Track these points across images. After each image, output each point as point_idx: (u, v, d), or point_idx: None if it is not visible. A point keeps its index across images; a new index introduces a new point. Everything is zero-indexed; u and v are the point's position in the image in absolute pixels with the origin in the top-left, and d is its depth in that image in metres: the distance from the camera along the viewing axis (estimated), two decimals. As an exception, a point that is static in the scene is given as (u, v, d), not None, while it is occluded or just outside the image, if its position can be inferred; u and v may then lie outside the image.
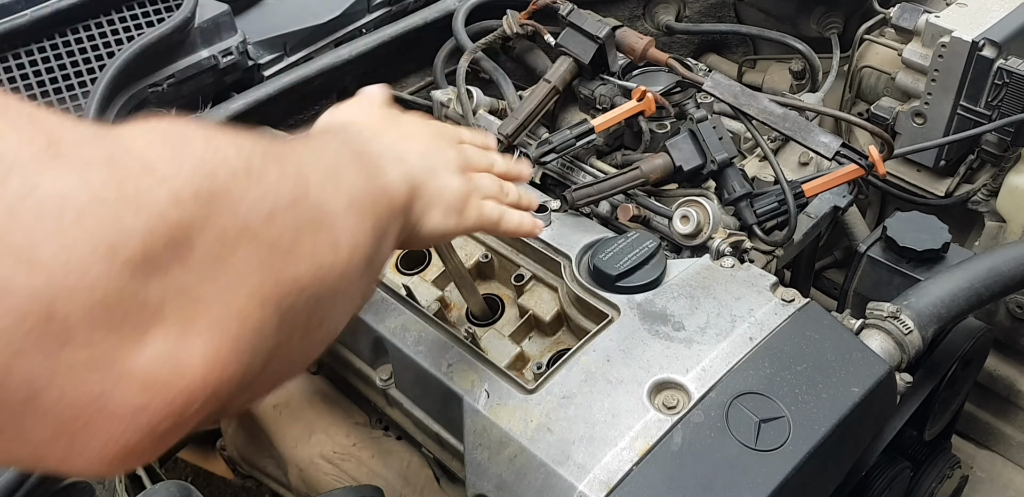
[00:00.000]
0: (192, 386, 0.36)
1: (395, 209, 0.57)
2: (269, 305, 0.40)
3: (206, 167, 0.38)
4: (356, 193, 0.49)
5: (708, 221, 0.96)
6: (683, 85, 1.12)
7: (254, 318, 0.39)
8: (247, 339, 0.38)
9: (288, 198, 0.42)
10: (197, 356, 0.36)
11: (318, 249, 0.44)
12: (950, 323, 0.95)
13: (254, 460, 1.21)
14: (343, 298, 0.47)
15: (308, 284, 0.43)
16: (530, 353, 0.94)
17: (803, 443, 0.75)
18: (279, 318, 0.41)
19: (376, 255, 0.51)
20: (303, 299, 0.43)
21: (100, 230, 0.33)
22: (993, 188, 1.33)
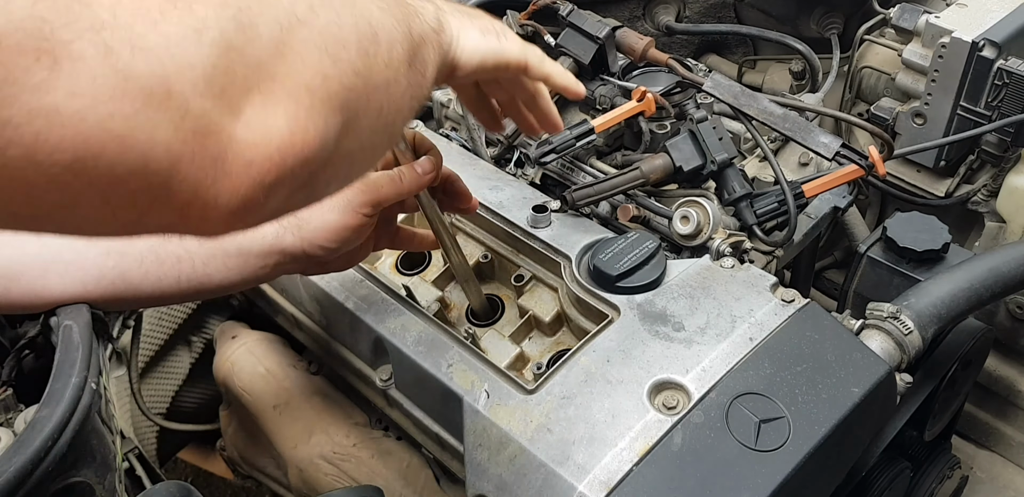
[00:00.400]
0: (283, 146, 0.45)
1: (428, 24, 0.60)
2: (332, 81, 0.47)
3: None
4: (389, 6, 0.55)
5: (708, 221, 0.96)
6: (683, 85, 1.12)
7: (321, 91, 0.47)
8: (318, 109, 0.46)
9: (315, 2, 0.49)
10: (281, 120, 0.45)
11: (361, 37, 0.51)
12: (950, 323, 0.95)
13: (254, 460, 1.21)
14: (396, 92, 0.55)
15: (360, 68, 0.50)
16: (530, 353, 0.94)
17: (803, 443, 0.75)
18: (344, 94, 0.48)
19: (417, 57, 0.57)
20: (360, 82, 0.50)
21: (182, 19, 0.41)
22: (993, 188, 1.33)
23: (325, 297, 1.00)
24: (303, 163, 0.46)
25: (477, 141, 1.17)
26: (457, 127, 1.24)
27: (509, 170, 1.15)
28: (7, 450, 0.74)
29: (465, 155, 1.12)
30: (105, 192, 0.41)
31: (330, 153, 0.49)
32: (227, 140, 0.43)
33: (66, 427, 0.76)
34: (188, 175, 0.42)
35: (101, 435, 0.86)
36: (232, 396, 1.18)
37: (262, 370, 1.16)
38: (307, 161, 0.46)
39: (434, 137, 1.16)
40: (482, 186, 1.05)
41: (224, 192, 0.44)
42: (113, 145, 0.39)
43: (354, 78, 0.49)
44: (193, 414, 1.32)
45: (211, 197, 0.43)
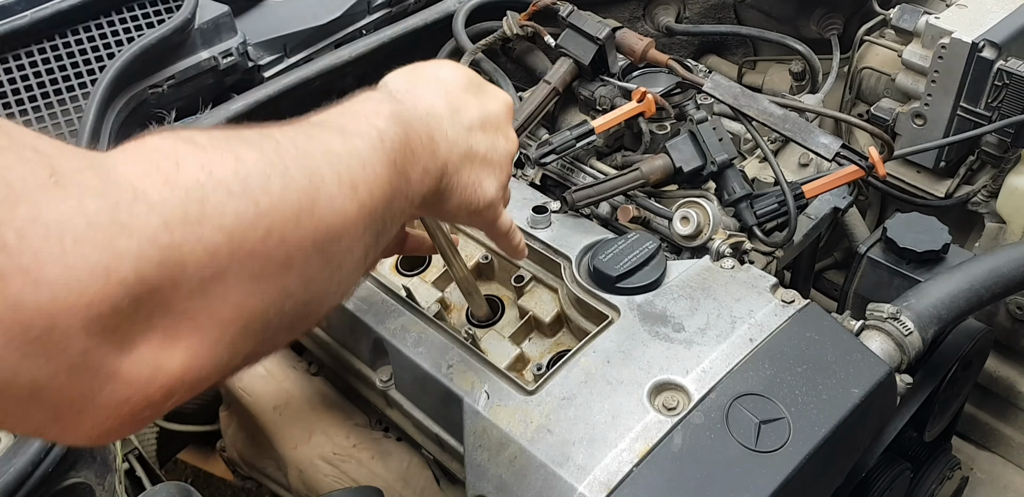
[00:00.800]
0: (171, 382, 0.41)
1: (413, 200, 0.57)
2: (255, 313, 0.43)
3: (198, 192, 0.41)
4: (373, 192, 0.50)
5: (708, 222, 0.96)
6: (683, 86, 1.12)
7: (238, 325, 0.42)
8: (227, 342, 0.42)
9: (292, 212, 0.44)
10: (177, 360, 0.41)
11: (313, 262, 0.46)
12: (950, 324, 0.95)
13: (254, 461, 1.21)
14: (333, 296, 0.51)
15: (296, 292, 0.45)
16: (530, 354, 0.94)
17: (803, 444, 0.75)
18: (264, 322, 0.44)
19: (370, 250, 0.53)
20: (290, 303, 0.45)
21: (96, 253, 0.37)
22: (993, 189, 1.33)
23: (325, 298, 1.00)
24: (191, 390, 0.43)
25: (477, 142, 1.17)
26: (457, 128, 1.24)
27: (509, 171, 1.15)
28: (7, 451, 0.74)
29: (465, 156, 1.12)
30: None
31: (233, 371, 0.45)
32: (105, 377, 0.39)
33: (66, 428, 0.76)
34: (49, 403, 0.39)
35: (101, 436, 0.86)
36: (232, 397, 1.18)
37: (262, 371, 1.16)
38: (196, 387, 0.43)
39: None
40: (482, 187, 1.04)
41: (87, 422, 0.40)
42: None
43: (284, 302, 0.45)
44: (193, 415, 1.32)
45: (71, 425, 0.40)
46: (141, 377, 0.40)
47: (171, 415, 1.27)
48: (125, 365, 0.40)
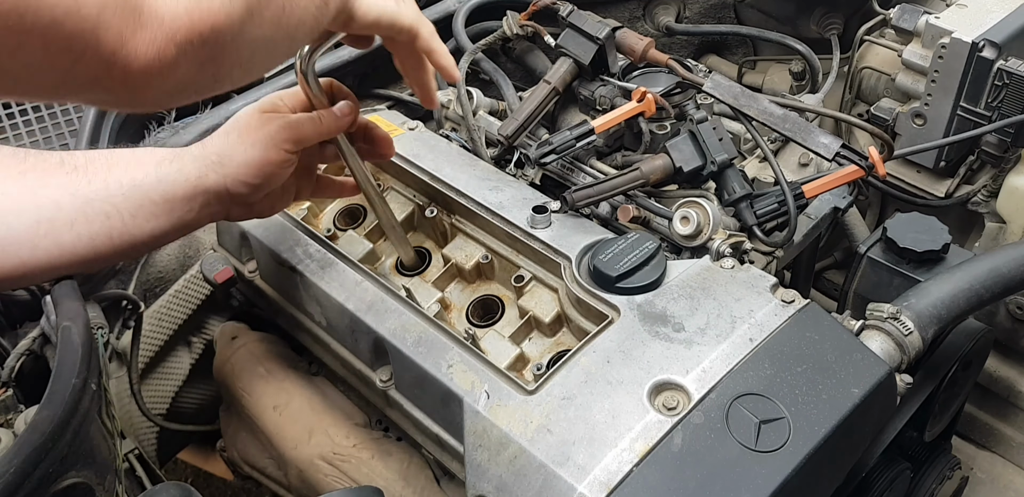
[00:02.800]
0: (191, 9, 0.54)
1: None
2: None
3: None
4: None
5: (708, 222, 0.96)
6: (683, 86, 1.12)
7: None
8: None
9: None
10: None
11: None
12: (950, 324, 0.95)
13: (254, 461, 1.21)
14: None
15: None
16: (530, 354, 0.94)
17: (803, 444, 0.75)
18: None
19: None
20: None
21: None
22: (993, 189, 1.33)
23: (325, 298, 1.00)
24: (210, 29, 0.55)
25: (477, 142, 1.17)
26: (457, 128, 1.24)
27: (509, 171, 1.15)
28: (7, 451, 0.74)
29: (465, 155, 1.13)
30: (44, 35, 0.48)
31: (235, 33, 0.57)
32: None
33: (66, 428, 0.76)
34: (112, 23, 0.51)
35: (101, 436, 0.86)
36: (232, 396, 1.18)
37: (262, 370, 1.16)
38: (214, 29, 0.55)
39: (434, 137, 1.16)
40: (482, 186, 1.05)
41: (142, 43, 0.52)
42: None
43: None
44: (193, 415, 1.32)
45: (131, 48, 0.52)
46: (168, 2, 0.53)
47: (171, 415, 1.27)
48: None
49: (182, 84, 0.57)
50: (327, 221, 1.13)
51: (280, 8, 0.61)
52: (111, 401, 0.98)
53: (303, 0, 0.64)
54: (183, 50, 0.54)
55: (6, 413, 0.86)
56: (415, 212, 1.10)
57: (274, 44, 0.63)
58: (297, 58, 0.84)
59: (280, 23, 0.62)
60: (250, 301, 1.22)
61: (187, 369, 1.28)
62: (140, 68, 0.53)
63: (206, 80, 0.60)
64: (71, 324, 0.85)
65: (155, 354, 1.22)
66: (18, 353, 0.94)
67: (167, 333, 1.22)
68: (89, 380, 0.82)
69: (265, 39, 0.61)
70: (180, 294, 1.21)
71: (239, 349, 1.19)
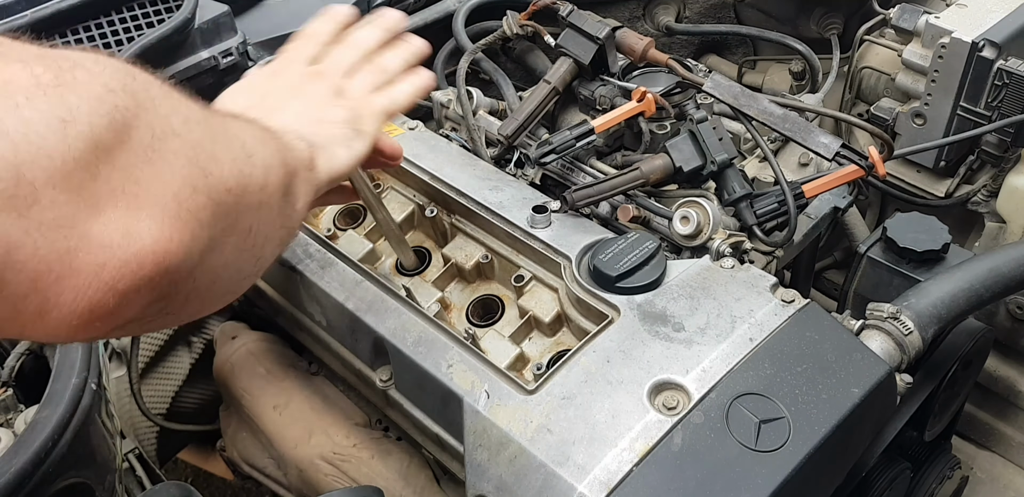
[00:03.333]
0: (142, 252, 0.43)
1: (300, 160, 0.63)
2: (200, 193, 0.47)
3: (127, 70, 0.46)
4: (263, 138, 0.57)
5: (708, 222, 0.96)
6: (683, 86, 1.12)
7: (189, 202, 0.46)
8: (185, 220, 0.46)
9: (200, 115, 0.50)
10: (145, 228, 0.44)
11: (235, 157, 0.51)
12: (950, 324, 0.95)
13: (254, 461, 1.21)
14: (267, 217, 0.56)
15: (233, 186, 0.50)
16: (530, 354, 0.94)
17: (803, 444, 0.75)
18: (212, 209, 0.48)
19: (290, 188, 0.59)
20: (231, 199, 0.50)
21: (49, 108, 0.40)
22: (993, 189, 1.33)
23: (325, 297, 1.00)
24: (163, 273, 0.45)
25: (477, 141, 1.17)
26: (457, 127, 1.24)
27: (509, 170, 1.15)
28: (8, 451, 0.74)
29: (465, 155, 1.12)
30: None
31: (193, 266, 0.47)
32: (79, 237, 0.41)
33: (66, 428, 0.76)
34: (27, 265, 0.40)
35: (101, 436, 0.86)
36: (232, 396, 1.18)
37: (262, 370, 1.16)
38: (167, 271, 0.45)
39: (434, 137, 1.16)
40: (482, 186, 1.05)
41: (68, 290, 0.41)
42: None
43: (225, 194, 0.49)
44: (193, 414, 1.32)
45: (53, 294, 0.41)
46: (114, 241, 0.42)
47: (171, 415, 1.27)
48: (96, 227, 0.42)
49: (123, 327, 0.47)
50: (327, 221, 1.13)
51: (246, 231, 0.53)
52: (111, 401, 0.98)
53: (270, 214, 0.56)
54: (126, 298, 0.44)
55: (6, 413, 0.86)
56: (415, 212, 1.10)
57: (238, 268, 0.55)
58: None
59: (245, 245, 0.54)
60: (250, 301, 1.22)
61: (187, 369, 1.28)
62: (63, 317, 0.43)
63: (153, 318, 0.50)
64: (71, 324, 0.85)
65: (155, 354, 1.22)
66: (18, 353, 0.94)
67: (167, 333, 1.22)
68: (89, 380, 0.82)
69: (227, 265, 0.53)
70: (180, 294, 1.21)
71: (239, 349, 1.19)
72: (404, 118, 1.20)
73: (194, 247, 0.47)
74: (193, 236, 0.47)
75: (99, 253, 0.42)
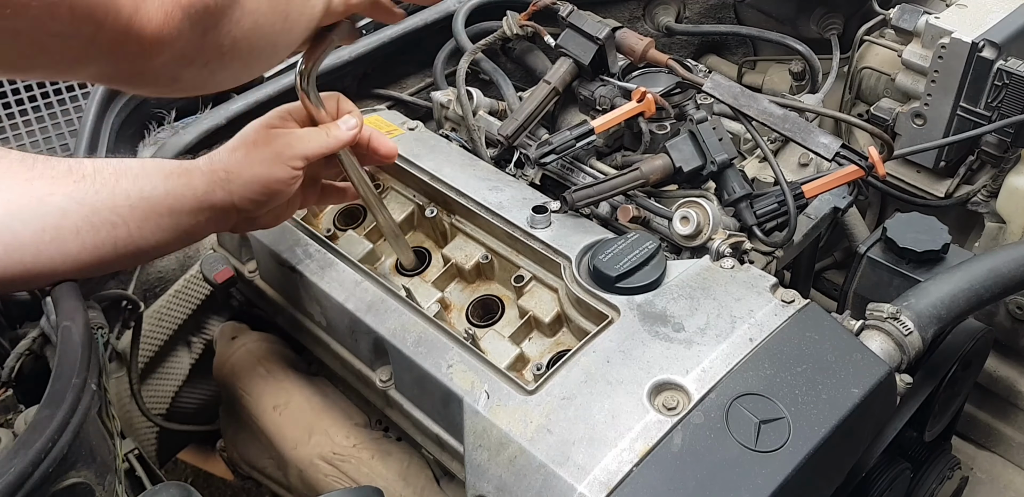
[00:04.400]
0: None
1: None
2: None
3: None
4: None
5: (708, 222, 0.96)
6: (683, 86, 1.12)
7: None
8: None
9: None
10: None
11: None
12: (950, 324, 0.95)
13: (254, 461, 1.21)
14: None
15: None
16: (530, 354, 0.94)
17: (803, 444, 0.75)
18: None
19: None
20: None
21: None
22: (993, 189, 1.33)
23: (325, 297, 1.00)
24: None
25: (477, 142, 1.17)
26: (457, 127, 1.24)
27: (509, 171, 1.15)
28: (7, 451, 0.74)
29: (465, 155, 1.13)
30: (72, 4, 0.52)
31: (233, 1, 0.60)
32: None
33: (66, 428, 0.76)
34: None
35: (101, 436, 0.86)
36: (232, 396, 1.18)
37: (262, 370, 1.16)
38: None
39: (434, 137, 1.16)
40: (482, 186, 1.05)
41: (152, 7, 0.56)
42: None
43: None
44: (193, 414, 1.32)
45: (143, 13, 0.56)
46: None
47: (171, 415, 1.27)
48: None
49: (189, 52, 0.61)
50: (327, 221, 1.13)
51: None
52: (111, 401, 0.98)
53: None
54: (188, 14, 0.58)
55: (6, 413, 0.86)
56: (415, 212, 1.10)
57: (271, 20, 0.66)
58: (296, 75, 0.85)
59: (276, 3, 0.65)
60: (250, 301, 1.22)
61: (187, 369, 1.28)
62: (152, 31, 0.57)
63: (211, 51, 0.62)
64: (71, 324, 0.85)
65: (155, 354, 1.22)
66: (18, 353, 0.94)
67: (167, 333, 1.22)
68: (89, 380, 0.81)
69: (262, 13, 0.64)
70: (180, 294, 1.21)
71: (239, 349, 1.19)
72: (404, 118, 1.20)
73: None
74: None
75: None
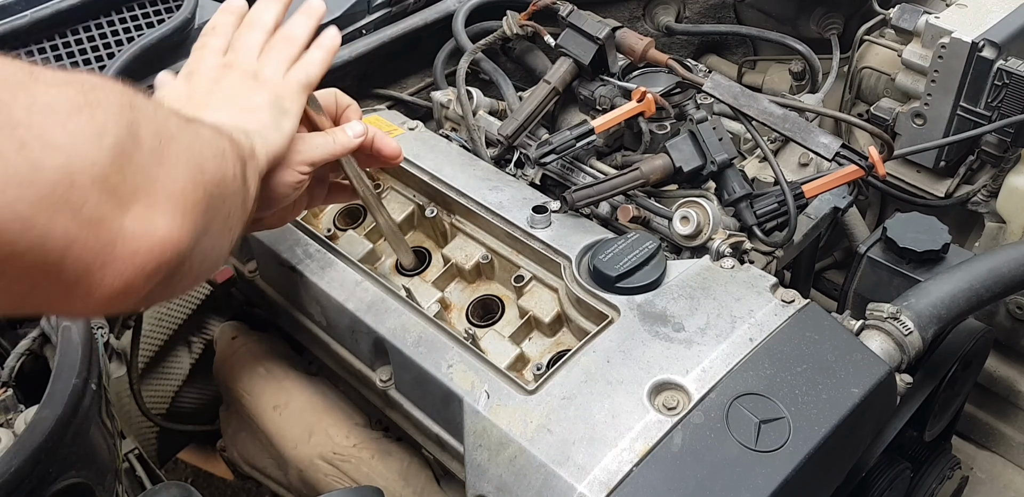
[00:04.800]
0: (163, 240, 0.54)
1: (246, 149, 0.70)
2: (199, 187, 0.57)
3: (123, 88, 0.54)
4: (219, 135, 0.65)
5: (708, 222, 0.96)
6: (683, 86, 1.12)
7: (192, 196, 0.56)
8: (190, 212, 0.56)
9: (182, 120, 0.60)
10: (161, 220, 0.54)
11: (215, 154, 0.62)
12: (950, 324, 0.95)
13: (254, 461, 1.21)
14: (236, 202, 0.65)
15: (218, 180, 0.61)
16: (530, 354, 0.94)
17: (803, 444, 0.75)
18: (207, 201, 0.58)
19: (245, 176, 0.67)
20: (217, 191, 0.60)
21: (86, 123, 0.49)
22: (993, 189, 1.33)
23: (325, 298, 1.00)
24: (176, 256, 0.55)
25: (477, 142, 1.17)
26: (457, 127, 1.24)
27: (509, 171, 1.15)
28: (7, 451, 0.74)
29: (465, 155, 1.13)
30: (2, 264, 0.46)
31: (191, 250, 0.57)
32: (116, 231, 0.50)
33: (66, 428, 0.76)
34: (81, 256, 0.49)
35: (101, 436, 0.86)
36: (232, 396, 1.18)
37: (262, 370, 1.16)
38: (178, 254, 0.55)
39: (434, 137, 1.16)
40: (482, 186, 1.05)
41: (110, 274, 0.51)
42: (16, 225, 0.45)
43: (214, 187, 0.59)
44: (193, 414, 1.32)
45: (98, 278, 0.51)
46: (142, 232, 0.52)
47: (171, 415, 1.27)
48: (127, 222, 0.51)
49: (141, 302, 0.57)
50: (327, 221, 1.13)
51: (225, 216, 0.63)
52: (111, 401, 0.98)
53: (239, 199, 0.66)
54: (150, 277, 0.54)
55: (6, 413, 0.86)
56: (415, 212, 1.10)
57: (220, 246, 0.64)
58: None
59: (224, 228, 0.64)
60: (250, 301, 1.22)
61: (187, 369, 1.28)
62: (104, 295, 0.52)
63: (162, 295, 0.59)
64: (71, 324, 0.85)
65: (155, 354, 1.22)
66: (18, 353, 0.94)
67: (167, 333, 1.22)
68: (89, 380, 0.82)
69: (213, 245, 0.62)
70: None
71: (239, 349, 1.19)
72: (404, 118, 1.20)
73: (195, 234, 0.57)
74: (195, 224, 0.56)
75: (131, 243, 0.51)
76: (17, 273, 0.47)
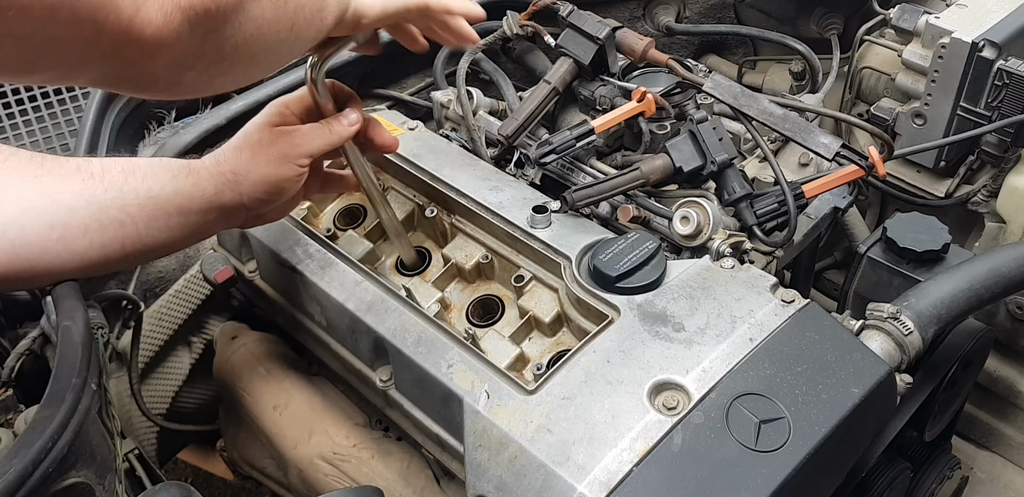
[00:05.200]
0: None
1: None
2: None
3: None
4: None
5: (708, 222, 0.96)
6: (683, 86, 1.12)
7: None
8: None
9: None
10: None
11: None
12: (950, 324, 0.95)
13: (254, 461, 1.21)
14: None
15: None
16: (530, 354, 0.94)
17: (803, 444, 0.75)
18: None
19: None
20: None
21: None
22: (993, 189, 1.33)
23: (325, 298, 1.00)
24: (214, 1, 0.58)
25: (477, 141, 1.17)
26: (457, 127, 1.24)
27: (509, 171, 1.15)
28: (8, 451, 0.74)
29: (465, 155, 1.13)
30: (73, 6, 0.51)
31: (236, 6, 0.60)
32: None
33: (66, 428, 0.76)
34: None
35: (101, 436, 0.86)
36: (232, 396, 1.18)
37: (262, 370, 1.16)
38: (217, 2, 0.58)
39: (434, 137, 1.16)
40: (482, 186, 1.05)
41: (152, 9, 0.56)
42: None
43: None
44: (193, 414, 1.32)
45: (144, 14, 0.55)
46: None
47: (171, 415, 1.27)
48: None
49: (189, 56, 0.60)
50: (327, 221, 1.13)
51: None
52: (111, 401, 0.98)
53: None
54: (187, 17, 0.57)
55: (6, 413, 0.86)
56: (415, 212, 1.10)
57: (276, 29, 0.65)
58: (308, 66, 0.85)
59: (279, 5, 0.64)
60: (250, 301, 1.22)
61: (187, 369, 1.28)
62: (152, 33, 0.56)
63: (211, 55, 0.62)
64: (71, 324, 0.85)
65: (155, 354, 1.22)
66: (18, 353, 0.94)
67: (167, 333, 1.22)
68: (89, 380, 0.81)
69: (266, 20, 0.63)
70: (180, 294, 1.21)
71: (239, 349, 1.19)
72: (404, 118, 1.20)
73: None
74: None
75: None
76: (86, 15, 0.52)
